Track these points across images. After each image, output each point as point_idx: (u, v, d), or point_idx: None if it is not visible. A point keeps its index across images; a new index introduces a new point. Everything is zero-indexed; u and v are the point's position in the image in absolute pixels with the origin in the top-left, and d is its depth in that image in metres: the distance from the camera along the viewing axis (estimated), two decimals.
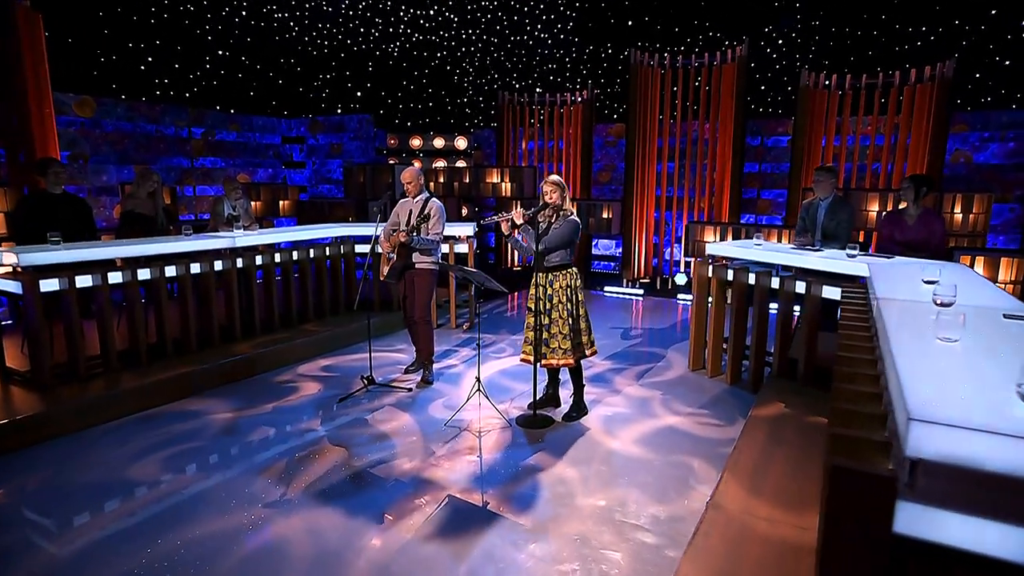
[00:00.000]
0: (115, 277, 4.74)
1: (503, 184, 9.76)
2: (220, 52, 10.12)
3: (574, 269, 4.26)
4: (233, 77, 10.38)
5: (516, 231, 4.24)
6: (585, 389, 4.81)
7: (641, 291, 9.09)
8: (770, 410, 3.98)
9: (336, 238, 6.73)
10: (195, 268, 5.33)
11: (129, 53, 8.97)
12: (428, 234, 4.70)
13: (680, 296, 8.77)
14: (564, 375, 4.96)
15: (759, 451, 3.39)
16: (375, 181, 9.22)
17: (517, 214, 4.20)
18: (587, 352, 4.31)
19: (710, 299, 5.29)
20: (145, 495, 3.40)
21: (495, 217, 4.16)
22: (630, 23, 10.48)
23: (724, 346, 5.35)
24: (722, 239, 8.23)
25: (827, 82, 8.18)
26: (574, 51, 11.09)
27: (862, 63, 8.65)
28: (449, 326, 6.93)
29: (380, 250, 4.89)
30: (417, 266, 4.87)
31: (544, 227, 4.23)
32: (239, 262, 5.66)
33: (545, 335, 4.21)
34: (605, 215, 9.09)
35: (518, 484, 3.51)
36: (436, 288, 5.07)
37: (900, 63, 8.18)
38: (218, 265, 5.49)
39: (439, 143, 11.16)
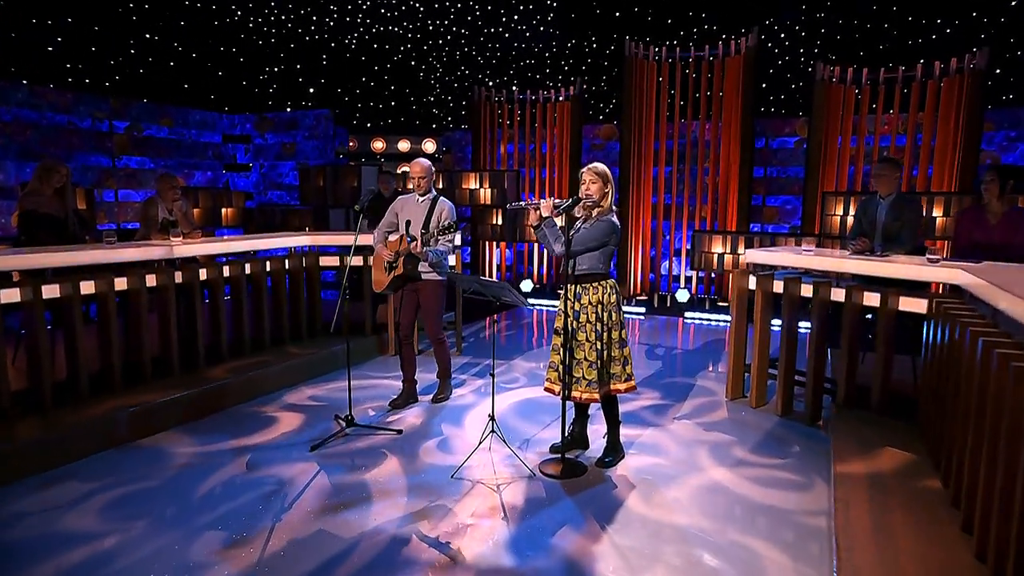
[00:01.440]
0: (9, 295, 3.87)
1: (481, 190, 9.17)
2: (147, 36, 9.23)
3: (610, 282, 3.70)
4: (163, 65, 9.48)
5: (545, 224, 3.69)
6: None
7: (642, 310, 8.59)
8: (858, 465, 3.34)
9: (298, 249, 5.96)
10: (120, 284, 4.49)
11: (32, 30, 8.01)
12: (443, 241, 4.32)
13: (688, 315, 8.28)
14: (594, 408, 4.31)
15: (872, 542, 2.71)
16: (337, 185, 8.46)
17: (545, 204, 3.68)
18: (620, 386, 3.70)
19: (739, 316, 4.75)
20: None
21: (524, 204, 3.70)
22: (618, 13, 10.08)
23: (770, 370, 4.81)
24: (733, 250, 7.80)
25: (844, 76, 7.89)
26: (555, 45, 10.63)
27: (873, 56, 8.42)
28: (431, 352, 6.21)
29: (382, 257, 4.36)
30: (424, 277, 4.41)
31: (577, 226, 3.61)
32: (178, 277, 4.85)
33: (570, 361, 3.63)
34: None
35: (554, 566, 2.83)
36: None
37: (918, 55, 7.96)
38: (151, 280, 4.68)
39: (404, 146, 10.50)
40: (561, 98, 9.45)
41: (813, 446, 4.06)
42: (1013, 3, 7.86)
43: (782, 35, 9.34)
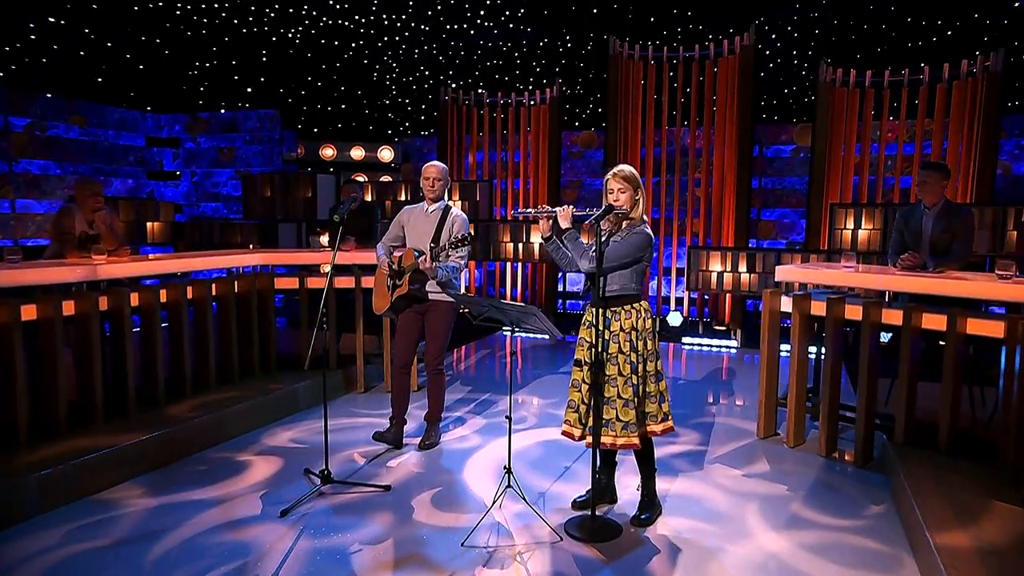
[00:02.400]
0: None
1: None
2: (51, 19, 8.52)
3: (643, 304, 3.42)
4: (72, 54, 8.76)
5: (563, 234, 3.43)
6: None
7: None
8: (959, 535, 2.93)
9: (246, 270, 5.43)
10: (28, 314, 3.90)
11: None
12: (453, 258, 4.13)
13: (686, 340, 8.03)
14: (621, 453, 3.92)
15: None
16: (288, 196, 7.93)
17: (564, 213, 3.40)
18: (655, 428, 3.39)
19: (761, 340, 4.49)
20: None
21: (534, 212, 3.42)
22: (596, 9, 9.93)
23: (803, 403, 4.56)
24: (734, 268, 7.61)
25: (846, 78, 7.87)
26: (525, 43, 10.40)
27: (871, 57, 8.44)
28: (382, 388, 5.77)
29: (384, 274, 4.22)
30: (432, 297, 4.21)
31: (606, 239, 3.36)
32: (103, 303, 4.29)
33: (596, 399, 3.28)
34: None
35: None
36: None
37: (920, 58, 8.00)
38: (68, 308, 4.10)
39: (357, 154, 10.07)
40: (535, 102, 9.20)
41: (874, 494, 3.78)
42: (1017, 4, 8.01)
43: (772, 35, 9.33)
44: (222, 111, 9.97)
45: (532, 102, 9.22)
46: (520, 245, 8.38)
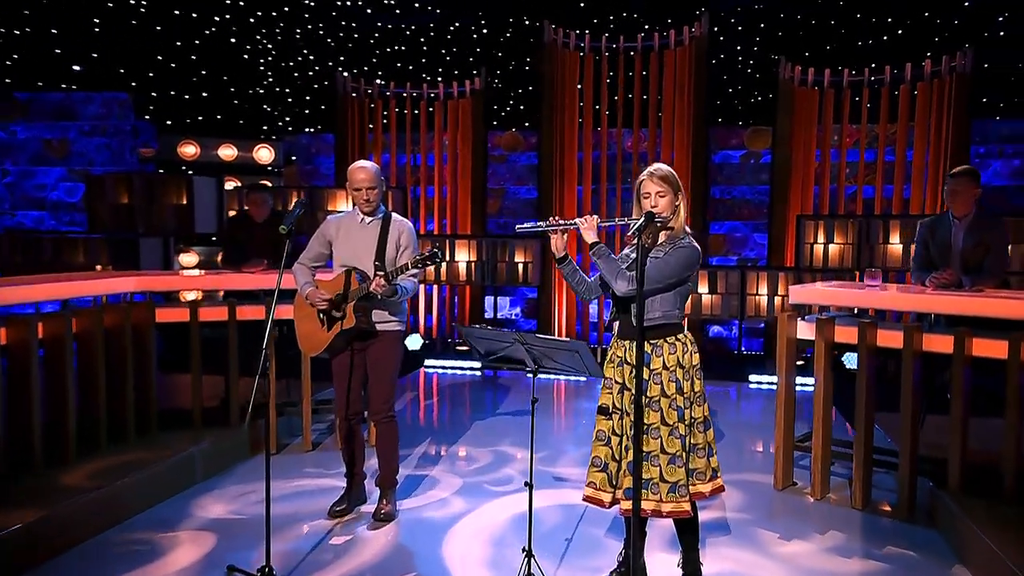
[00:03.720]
0: None
1: None
2: None
3: (688, 336, 3.19)
4: None
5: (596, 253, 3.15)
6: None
7: None
8: None
9: (111, 299, 4.70)
10: None
11: None
12: (404, 277, 3.87)
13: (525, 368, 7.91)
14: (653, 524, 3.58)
15: None
16: (153, 204, 7.07)
17: (588, 225, 3.11)
18: (704, 488, 3.16)
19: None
20: None
21: (543, 225, 3.14)
22: None
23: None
24: (693, 289, 7.54)
25: (804, 77, 8.07)
26: (432, 26, 10.02)
27: (825, 55, 8.68)
28: (301, 446, 5.23)
29: (316, 305, 3.88)
30: (380, 328, 3.93)
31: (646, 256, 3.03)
32: None
33: (628, 456, 3.05)
34: (520, 259, 8.00)
35: None
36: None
37: (880, 57, 8.32)
38: None
39: (228, 153, 9.30)
40: (454, 95, 8.86)
41: (941, 556, 3.65)
42: (966, 3, 8.50)
43: (715, 28, 9.48)
44: (50, 92, 8.86)
45: (451, 95, 8.88)
46: (444, 266, 7.98)
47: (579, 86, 8.46)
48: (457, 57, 9.70)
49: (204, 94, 9.92)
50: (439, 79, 9.29)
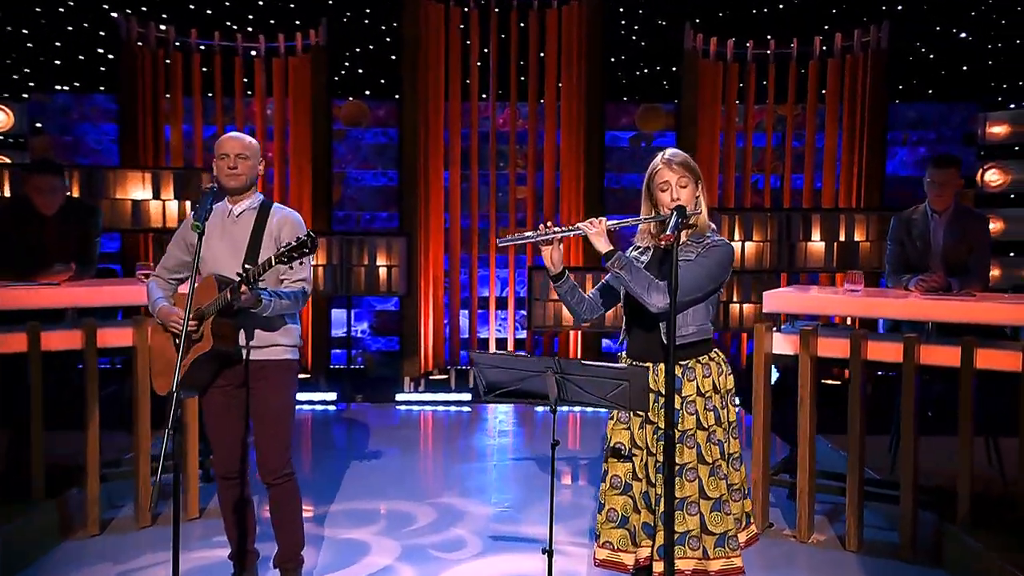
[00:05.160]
0: None
1: (154, 203, 7.53)
2: None
3: (719, 354, 3.20)
4: None
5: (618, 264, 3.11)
6: None
7: (452, 396, 7.91)
8: None
9: None
10: None
11: None
12: (287, 283, 3.72)
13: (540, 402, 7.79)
14: None
15: None
16: None
17: (598, 229, 3.05)
18: (741, 537, 3.16)
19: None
20: None
21: (532, 236, 3.12)
22: None
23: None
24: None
25: (706, 47, 8.30)
26: None
27: (725, 24, 8.99)
28: (133, 522, 4.74)
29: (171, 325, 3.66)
30: (256, 357, 3.68)
31: (659, 260, 3.18)
32: None
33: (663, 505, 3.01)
34: (383, 262, 7.69)
35: None
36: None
37: (783, 29, 8.71)
38: None
39: None
40: (282, 50, 8.32)
41: None
42: None
43: None
44: None
45: (274, 52, 8.34)
46: None
47: (446, 38, 8.23)
48: (288, 1, 9.11)
49: None
50: (265, 31, 8.70)
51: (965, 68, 8.72)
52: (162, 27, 8.38)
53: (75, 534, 4.51)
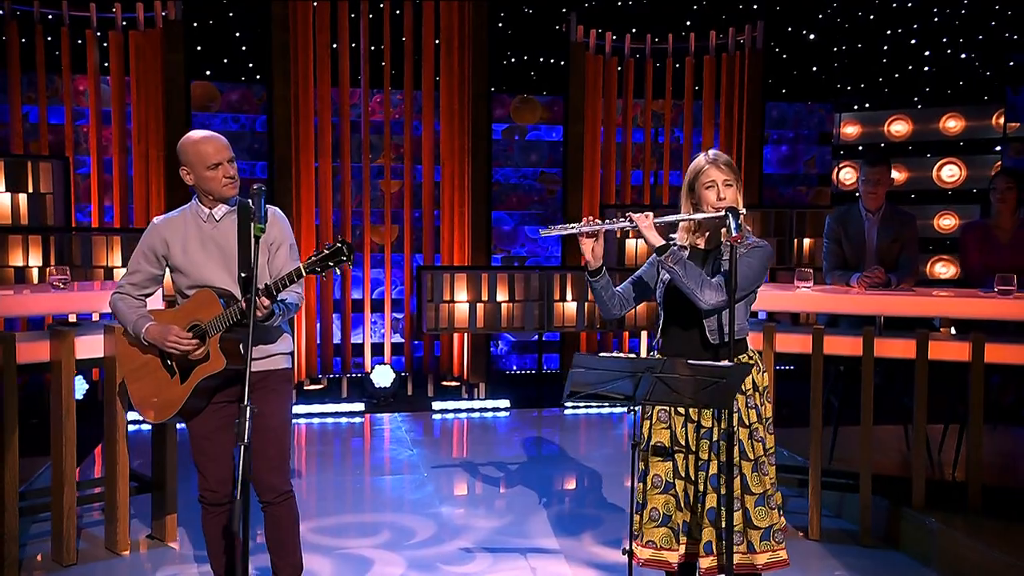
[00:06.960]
0: None
1: None
2: None
3: (755, 351, 3.55)
4: None
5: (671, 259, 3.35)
6: None
7: (358, 407, 7.91)
8: None
9: None
10: None
11: None
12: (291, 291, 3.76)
13: (437, 406, 7.90)
14: None
15: None
16: None
17: (648, 223, 3.28)
18: (776, 539, 3.41)
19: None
20: None
21: (577, 228, 3.32)
22: None
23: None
24: (491, 298, 7.75)
25: (586, 40, 8.66)
26: None
27: (609, 17, 9.37)
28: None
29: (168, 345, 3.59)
30: (262, 368, 3.65)
31: (709, 261, 3.45)
32: None
33: (707, 503, 3.32)
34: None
35: None
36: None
37: (664, 24, 9.21)
38: None
39: None
40: (116, 24, 7.97)
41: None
42: None
43: None
44: None
45: (110, 24, 7.99)
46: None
47: (314, 14, 8.12)
48: None
49: None
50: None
51: (815, 68, 9.65)
52: None
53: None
